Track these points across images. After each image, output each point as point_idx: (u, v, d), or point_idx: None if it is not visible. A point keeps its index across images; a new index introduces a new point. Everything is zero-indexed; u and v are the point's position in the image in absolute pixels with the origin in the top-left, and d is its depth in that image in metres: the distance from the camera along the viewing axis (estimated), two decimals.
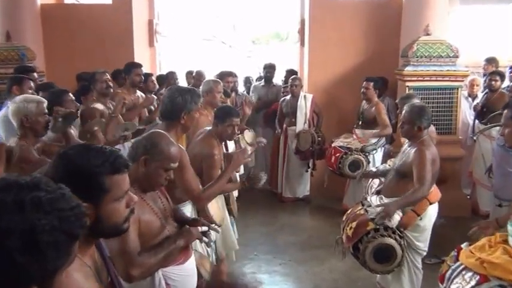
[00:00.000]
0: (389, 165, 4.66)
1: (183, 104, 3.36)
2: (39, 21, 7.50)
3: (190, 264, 2.74)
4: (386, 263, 3.93)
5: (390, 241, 3.86)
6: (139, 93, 6.14)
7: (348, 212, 4.31)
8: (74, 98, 4.49)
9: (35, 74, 5.61)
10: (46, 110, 3.72)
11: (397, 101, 5.59)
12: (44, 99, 3.78)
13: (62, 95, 4.40)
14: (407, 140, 4.15)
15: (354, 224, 3.99)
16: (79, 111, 4.61)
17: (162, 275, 2.55)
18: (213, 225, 3.61)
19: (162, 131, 2.81)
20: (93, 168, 1.58)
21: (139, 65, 6.05)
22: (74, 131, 4.25)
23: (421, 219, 3.95)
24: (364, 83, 6.54)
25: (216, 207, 3.85)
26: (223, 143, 4.32)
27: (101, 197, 1.61)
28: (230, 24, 16.86)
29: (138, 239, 2.41)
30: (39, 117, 3.64)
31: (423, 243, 4.05)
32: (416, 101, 5.10)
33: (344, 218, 4.25)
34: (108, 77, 5.41)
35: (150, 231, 2.48)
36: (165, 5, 9.25)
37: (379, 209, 3.94)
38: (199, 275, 2.90)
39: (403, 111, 4.08)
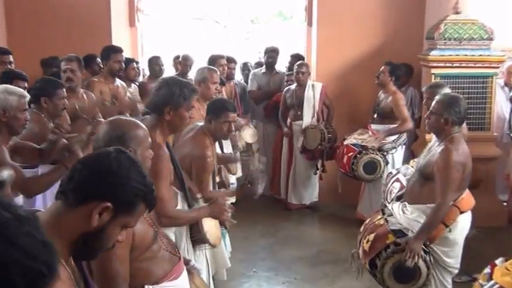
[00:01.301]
0: (412, 166, 4.69)
1: (168, 96, 3.36)
2: (1, 3, 7.52)
3: (183, 279, 2.81)
4: (409, 282, 3.94)
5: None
6: (118, 82, 6.17)
7: (367, 222, 4.34)
8: (65, 94, 4.60)
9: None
10: (27, 106, 3.75)
11: (423, 89, 5.60)
12: (26, 94, 3.82)
13: (56, 88, 4.52)
14: (434, 136, 4.18)
15: (371, 237, 4.01)
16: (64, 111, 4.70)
17: None
18: (206, 245, 3.67)
19: (128, 119, 2.84)
20: (141, 189, 1.81)
21: (119, 50, 6.08)
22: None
23: (450, 230, 3.95)
24: (382, 66, 6.56)
25: (211, 224, 3.84)
26: (217, 142, 4.35)
27: (121, 216, 1.79)
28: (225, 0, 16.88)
29: (131, 253, 2.47)
30: (18, 113, 3.68)
31: (454, 260, 4.05)
32: (445, 90, 5.13)
33: (362, 229, 4.28)
34: (72, 65, 5.38)
35: (144, 242, 2.54)
36: None
37: (402, 220, 3.96)
38: None
39: (434, 101, 4.10)
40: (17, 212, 1.15)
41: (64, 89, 4.65)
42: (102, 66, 6.21)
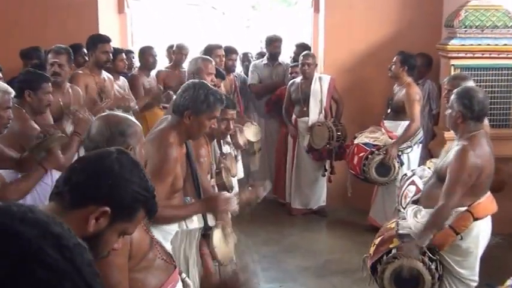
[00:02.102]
0: (429, 167, 4.72)
1: (191, 100, 3.47)
2: None
3: None
4: None
5: (415, 264, 3.92)
6: (105, 74, 6.20)
7: (384, 225, 4.40)
8: (51, 89, 4.63)
9: None
10: (11, 103, 3.77)
11: (444, 81, 5.61)
12: (10, 90, 3.84)
13: (42, 81, 4.54)
14: (456, 136, 4.21)
15: (377, 240, 4.07)
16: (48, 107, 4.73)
17: None
18: (214, 262, 3.72)
19: (123, 115, 2.89)
20: (143, 194, 1.87)
21: (107, 40, 6.11)
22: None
23: (461, 238, 3.99)
24: (395, 57, 6.58)
25: (220, 240, 3.85)
26: (214, 141, 4.38)
27: (119, 222, 1.83)
28: None
29: (128, 262, 2.51)
30: (0, 111, 3.69)
31: (468, 271, 4.08)
32: (469, 83, 5.14)
33: (377, 235, 4.35)
34: (61, 59, 5.41)
35: (140, 250, 2.59)
36: None
37: (410, 221, 4.00)
38: None
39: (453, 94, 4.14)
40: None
41: (50, 83, 4.68)
42: (87, 57, 6.22)
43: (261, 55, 8.80)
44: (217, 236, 3.77)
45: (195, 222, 3.86)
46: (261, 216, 7.23)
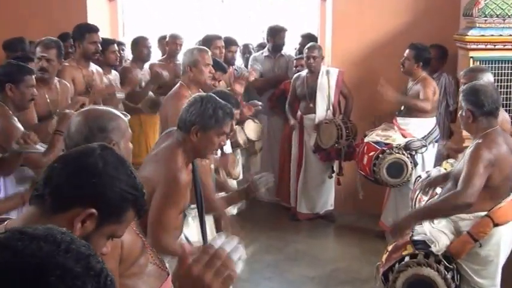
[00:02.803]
0: (445, 168, 4.72)
1: (198, 115, 3.46)
2: None
3: None
4: None
5: (429, 272, 3.93)
6: (93, 67, 6.21)
7: None
8: (34, 82, 4.65)
9: None
10: None
11: (461, 73, 5.62)
12: None
13: (24, 74, 4.56)
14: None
15: (391, 247, 4.08)
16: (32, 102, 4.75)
17: None
18: None
19: (105, 108, 2.90)
20: (131, 192, 1.86)
21: (95, 29, 6.13)
22: None
23: (480, 246, 3.99)
24: (407, 51, 6.59)
25: None
26: None
27: (107, 224, 1.84)
28: None
29: (118, 267, 2.53)
30: None
31: (488, 281, 4.08)
32: (486, 77, 5.15)
33: None
34: (50, 54, 5.41)
35: (131, 255, 2.61)
36: None
37: (425, 227, 4.01)
38: None
39: None
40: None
41: (33, 76, 4.69)
42: (74, 48, 6.23)
43: (261, 46, 8.78)
44: None
45: (195, 235, 3.90)
46: (263, 221, 7.27)
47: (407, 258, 3.98)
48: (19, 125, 4.43)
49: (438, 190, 4.55)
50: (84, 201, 1.75)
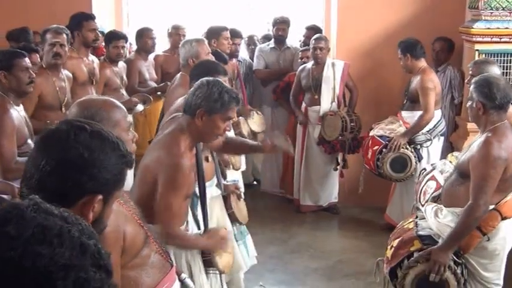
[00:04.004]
0: (450, 161, 4.73)
1: (204, 98, 3.49)
2: None
3: None
4: None
5: None
6: (91, 57, 6.27)
7: (398, 225, 4.41)
8: (30, 65, 4.60)
9: None
10: None
11: (468, 66, 5.62)
12: None
13: (14, 58, 4.50)
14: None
15: (396, 242, 4.07)
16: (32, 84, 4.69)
17: None
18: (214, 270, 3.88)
19: (102, 97, 2.90)
20: (124, 161, 1.90)
21: (91, 16, 6.20)
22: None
23: (488, 239, 3.99)
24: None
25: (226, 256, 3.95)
26: None
27: (112, 196, 1.88)
28: None
29: (121, 258, 2.55)
30: None
31: (493, 274, 4.08)
32: (493, 69, 5.15)
33: (391, 234, 4.36)
34: (62, 39, 5.48)
35: (134, 246, 2.63)
36: None
37: (432, 224, 4.00)
38: None
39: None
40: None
41: (26, 58, 4.62)
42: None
43: (267, 38, 8.80)
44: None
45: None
46: (266, 214, 7.28)
47: (416, 254, 3.95)
48: (12, 121, 4.36)
49: (431, 183, 4.55)
50: (84, 193, 1.76)
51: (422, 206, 4.37)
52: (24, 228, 1.18)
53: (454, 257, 3.93)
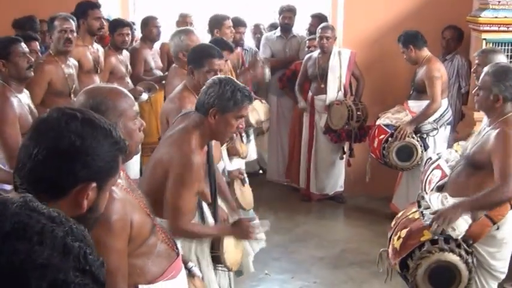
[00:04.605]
0: (456, 150, 4.73)
1: (217, 97, 3.50)
2: None
3: (182, 278, 2.93)
4: None
5: (453, 258, 3.91)
6: (96, 45, 6.30)
7: (398, 215, 4.41)
8: (27, 50, 4.57)
9: None
10: None
11: (474, 54, 5.61)
12: None
13: (10, 44, 4.48)
14: (485, 117, 4.21)
15: (403, 233, 4.06)
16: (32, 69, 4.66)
17: None
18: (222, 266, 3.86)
19: (109, 86, 2.91)
20: (117, 148, 1.90)
21: (96, 4, 6.23)
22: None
23: (498, 228, 3.98)
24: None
25: (231, 244, 3.92)
26: None
27: (107, 183, 1.88)
28: None
29: (127, 246, 2.56)
30: None
31: (501, 262, 4.09)
32: (499, 58, 5.14)
33: (393, 224, 4.35)
34: (72, 26, 5.51)
35: (141, 234, 2.64)
36: None
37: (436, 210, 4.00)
38: None
39: (482, 73, 4.14)
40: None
41: (22, 44, 4.59)
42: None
43: (273, 27, 8.79)
44: (229, 241, 3.87)
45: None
46: (272, 202, 7.31)
47: (427, 244, 3.93)
48: (13, 111, 4.35)
49: (436, 172, 4.55)
50: (78, 182, 1.76)
51: (427, 194, 4.38)
52: (4, 223, 1.15)
53: (465, 246, 3.93)
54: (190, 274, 3.20)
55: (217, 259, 3.84)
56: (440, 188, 4.34)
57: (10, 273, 1.10)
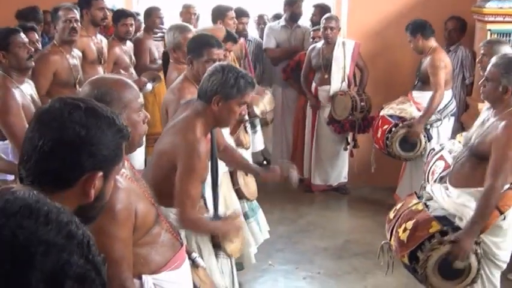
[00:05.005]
0: (459, 141, 4.74)
1: (220, 84, 3.50)
2: None
3: (185, 268, 2.95)
4: (457, 279, 3.98)
5: None
6: (99, 36, 6.31)
7: (398, 207, 4.40)
8: (26, 40, 4.56)
9: None
10: None
11: (480, 45, 5.60)
12: None
13: (9, 35, 4.47)
14: (486, 106, 4.21)
15: (409, 224, 4.05)
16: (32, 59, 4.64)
17: (154, 284, 2.74)
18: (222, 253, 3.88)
19: (114, 76, 2.90)
20: (121, 135, 1.90)
21: None
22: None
23: (504, 218, 3.98)
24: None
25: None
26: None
27: (112, 171, 1.88)
28: None
29: (132, 236, 2.58)
30: None
31: (505, 252, 4.09)
32: (504, 49, 5.13)
33: (391, 216, 4.34)
34: (76, 15, 5.52)
35: (145, 223, 2.66)
36: None
37: (447, 205, 3.99)
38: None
39: (490, 64, 4.13)
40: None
41: (21, 34, 4.57)
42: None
43: (277, 17, 8.76)
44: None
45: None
46: (276, 193, 7.31)
47: (437, 236, 3.92)
48: (16, 102, 4.37)
49: (439, 163, 4.54)
50: (84, 171, 1.77)
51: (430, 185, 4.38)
52: (12, 205, 1.16)
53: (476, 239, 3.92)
54: (194, 264, 3.21)
55: (218, 246, 3.87)
56: (443, 179, 4.34)
57: (14, 248, 1.10)
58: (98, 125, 1.79)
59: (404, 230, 4.08)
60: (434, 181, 4.41)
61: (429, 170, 4.64)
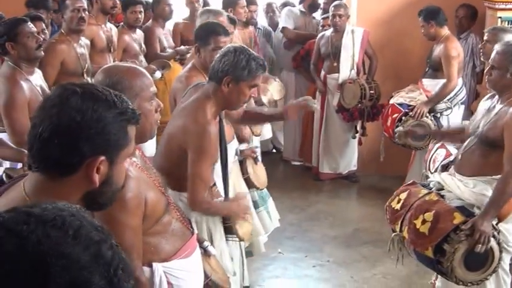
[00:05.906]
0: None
1: (231, 66, 3.51)
2: None
3: (196, 257, 2.96)
4: (480, 269, 3.93)
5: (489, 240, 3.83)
6: (109, 24, 6.32)
7: (402, 196, 4.30)
8: (34, 29, 4.53)
9: None
10: None
11: (484, 31, 5.58)
12: None
13: (17, 25, 4.44)
14: (487, 96, 4.20)
15: (428, 216, 3.96)
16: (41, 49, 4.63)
17: (164, 272, 2.76)
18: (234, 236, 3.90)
19: (127, 65, 2.88)
20: (123, 118, 1.85)
21: None
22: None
23: None
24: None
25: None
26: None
27: (119, 156, 1.86)
28: None
29: (142, 224, 2.59)
30: None
31: None
32: (508, 37, 5.11)
33: (397, 207, 4.26)
34: (84, 4, 5.53)
35: (155, 212, 2.67)
36: None
37: (465, 195, 3.97)
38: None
39: (494, 52, 4.11)
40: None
41: (29, 23, 4.52)
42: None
43: (285, 5, 8.75)
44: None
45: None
46: (286, 182, 7.34)
47: (462, 227, 3.82)
48: (23, 96, 4.35)
49: (440, 151, 4.52)
50: (85, 157, 1.76)
51: (432, 173, 4.36)
52: (49, 213, 1.15)
53: (494, 226, 3.88)
54: (206, 253, 3.23)
55: (229, 229, 3.88)
56: (445, 167, 4.33)
57: (35, 255, 1.08)
58: (95, 109, 1.76)
59: (424, 221, 3.97)
60: (436, 169, 4.38)
61: (430, 158, 4.62)
